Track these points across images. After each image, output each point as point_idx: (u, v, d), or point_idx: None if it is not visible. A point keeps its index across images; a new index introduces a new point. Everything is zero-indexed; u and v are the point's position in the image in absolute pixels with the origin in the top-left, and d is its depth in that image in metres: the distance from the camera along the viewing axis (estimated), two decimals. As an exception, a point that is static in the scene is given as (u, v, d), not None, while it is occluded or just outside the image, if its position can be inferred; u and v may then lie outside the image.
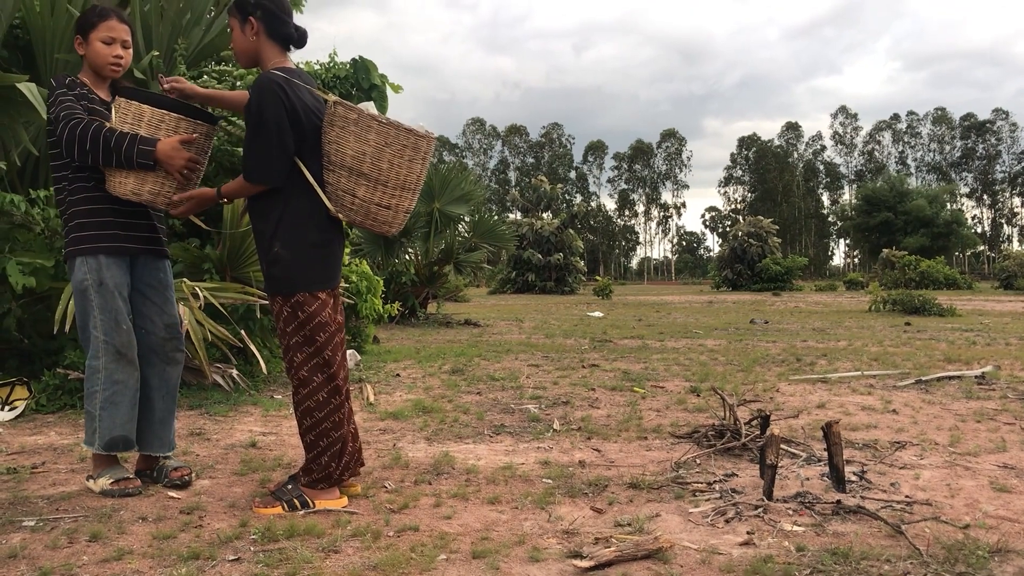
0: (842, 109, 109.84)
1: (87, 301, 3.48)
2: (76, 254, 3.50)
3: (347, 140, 3.18)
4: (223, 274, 6.44)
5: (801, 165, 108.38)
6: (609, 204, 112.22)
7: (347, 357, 3.72)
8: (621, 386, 6.72)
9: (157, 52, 5.96)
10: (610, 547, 2.76)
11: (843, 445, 3.65)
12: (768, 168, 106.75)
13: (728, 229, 56.97)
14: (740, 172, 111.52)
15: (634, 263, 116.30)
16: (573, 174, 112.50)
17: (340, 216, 3.28)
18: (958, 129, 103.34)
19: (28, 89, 4.79)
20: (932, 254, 49.48)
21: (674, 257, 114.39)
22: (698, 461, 4.10)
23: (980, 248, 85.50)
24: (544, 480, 3.77)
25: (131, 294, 3.60)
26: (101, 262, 3.48)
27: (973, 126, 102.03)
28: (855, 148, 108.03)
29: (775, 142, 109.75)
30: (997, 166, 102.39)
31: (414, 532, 3.01)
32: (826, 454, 3.65)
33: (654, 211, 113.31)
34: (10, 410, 5.16)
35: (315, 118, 3.26)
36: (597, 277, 41.88)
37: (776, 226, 50.98)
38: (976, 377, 7.01)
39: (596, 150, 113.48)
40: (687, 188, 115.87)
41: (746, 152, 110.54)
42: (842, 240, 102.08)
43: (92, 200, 3.51)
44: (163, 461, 3.75)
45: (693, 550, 2.81)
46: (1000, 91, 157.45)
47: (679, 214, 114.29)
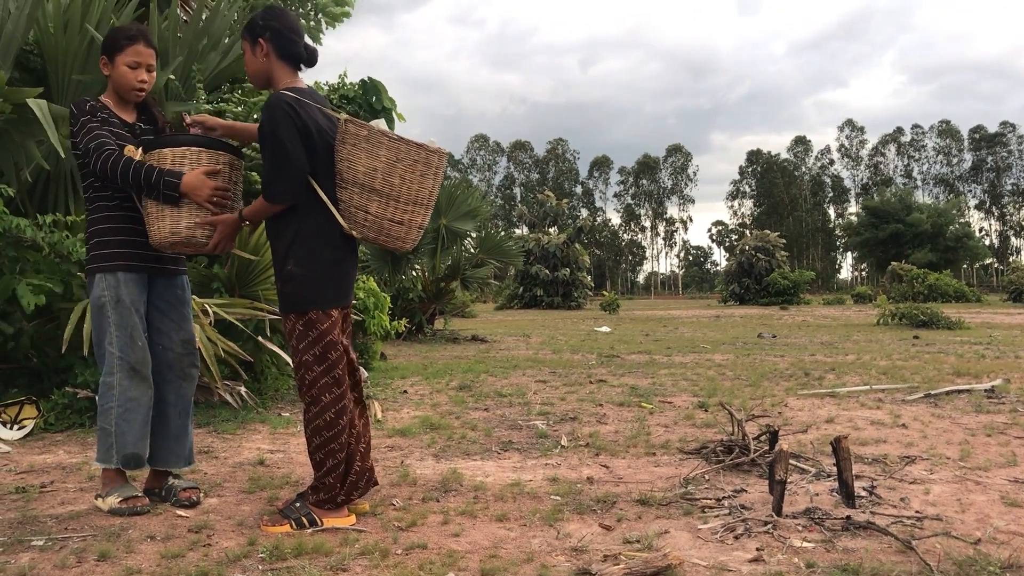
0: (848, 122, 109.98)
1: (104, 317, 3.50)
2: (96, 271, 3.54)
3: (359, 157, 3.21)
4: (231, 292, 6.46)
5: (808, 179, 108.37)
6: (615, 219, 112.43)
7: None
8: (629, 401, 6.70)
9: (173, 76, 5.99)
10: (619, 564, 2.75)
11: (852, 460, 3.63)
12: (775, 182, 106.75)
13: (735, 243, 56.77)
14: (747, 186, 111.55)
15: (641, 278, 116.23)
16: (579, 189, 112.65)
17: (354, 233, 3.29)
18: (966, 141, 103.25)
19: (38, 106, 4.83)
20: (940, 268, 49.36)
21: (681, 271, 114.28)
22: (707, 477, 4.09)
23: (989, 261, 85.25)
24: (552, 497, 3.76)
25: (148, 310, 3.64)
26: (119, 279, 3.51)
27: (984, 138, 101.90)
28: (861, 161, 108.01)
29: (783, 156, 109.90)
30: (1006, 179, 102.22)
31: (422, 550, 3.00)
32: (835, 469, 3.64)
33: (660, 226, 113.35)
34: (19, 429, 5.17)
35: (327, 136, 3.29)
36: (604, 292, 41.87)
37: (783, 240, 50.91)
38: (986, 391, 6.98)
39: (602, 165, 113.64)
40: (693, 203, 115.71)
41: (754, 166, 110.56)
42: (849, 254, 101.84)
43: (112, 219, 3.56)
44: (172, 480, 3.76)
45: (702, 567, 2.80)
46: (1007, 104, 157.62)
47: (685, 228, 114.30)
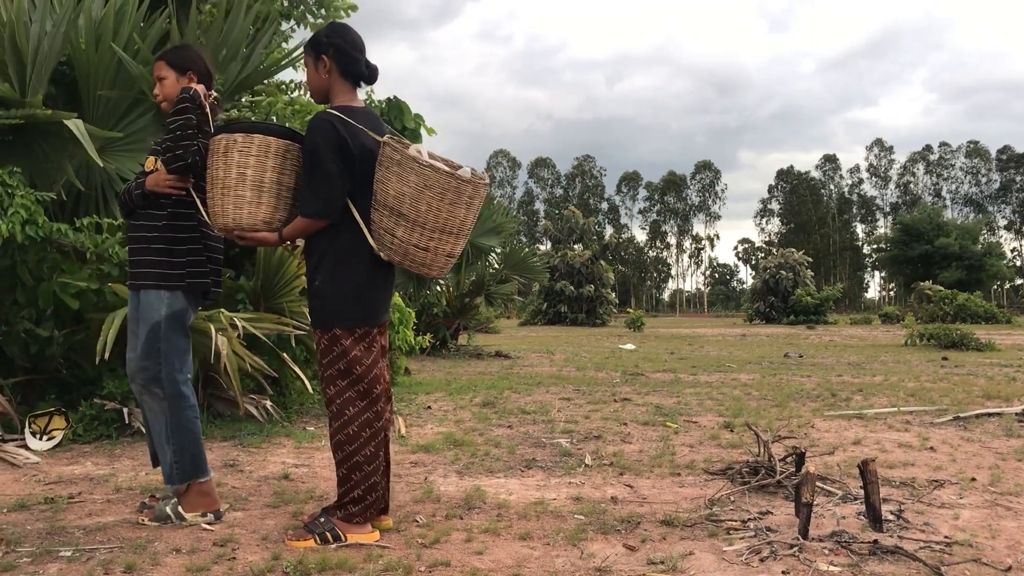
0: (877, 142, 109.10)
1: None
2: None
3: (390, 180, 3.23)
4: (257, 305, 6.51)
5: (836, 197, 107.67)
6: (640, 236, 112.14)
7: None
8: (653, 420, 6.67)
9: None
10: (643, 586, 2.73)
11: (880, 483, 3.59)
12: (803, 200, 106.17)
13: (761, 261, 56.45)
14: (776, 204, 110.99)
15: (666, 295, 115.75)
16: (604, 205, 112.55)
17: (381, 255, 3.31)
18: (994, 161, 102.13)
19: (76, 126, 4.91)
20: (968, 288, 48.74)
21: (706, 289, 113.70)
22: (732, 498, 4.06)
23: (1020, 281, 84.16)
24: (576, 516, 3.74)
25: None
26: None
27: (1012, 158, 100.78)
28: (890, 180, 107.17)
29: (812, 174, 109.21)
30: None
31: (445, 567, 3.00)
32: (863, 492, 3.60)
33: (686, 243, 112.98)
34: (48, 440, 5.23)
35: (369, 157, 3.30)
36: (628, 309, 41.76)
37: (809, 258, 50.57)
38: (1017, 414, 6.88)
39: (630, 181, 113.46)
40: (720, 220, 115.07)
41: (783, 184, 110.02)
42: (877, 273, 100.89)
43: (168, 239, 3.63)
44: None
45: (727, 590, 2.78)
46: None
47: (712, 246, 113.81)
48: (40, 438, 5.22)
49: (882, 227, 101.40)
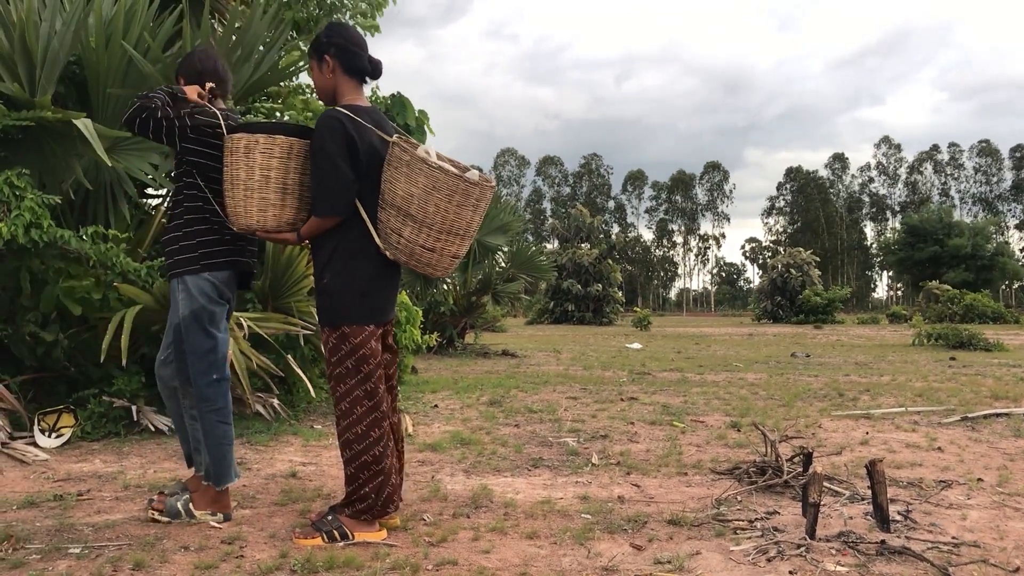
0: (885, 139, 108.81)
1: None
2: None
3: (398, 180, 3.24)
4: (265, 304, 6.52)
5: (844, 196, 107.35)
6: (647, 235, 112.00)
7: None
8: (660, 420, 6.67)
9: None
10: (650, 585, 2.73)
11: (887, 483, 3.59)
12: (811, 199, 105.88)
13: (769, 260, 56.29)
14: (783, 203, 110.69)
15: (672, 294, 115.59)
16: (611, 204, 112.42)
17: (387, 254, 3.33)
18: (1006, 160, 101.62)
19: (84, 125, 4.92)
20: (976, 288, 48.54)
21: (713, 288, 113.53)
22: (739, 498, 4.06)
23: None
24: (583, 515, 3.75)
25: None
26: None
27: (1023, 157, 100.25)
28: (899, 179, 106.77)
29: (820, 173, 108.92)
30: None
31: (452, 566, 3.01)
32: (870, 492, 3.59)
33: (693, 242, 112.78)
34: (56, 437, 5.25)
35: (377, 156, 3.32)
36: (635, 308, 41.66)
37: (816, 257, 50.45)
38: (1025, 415, 6.86)
39: (636, 180, 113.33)
40: (728, 220, 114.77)
41: (791, 183, 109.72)
42: (885, 272, 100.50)
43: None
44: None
45: (734, 590, 2.78)
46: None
47: (719, 245, 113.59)
48: (49, 435, 5.24)
49: (891, 226, 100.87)
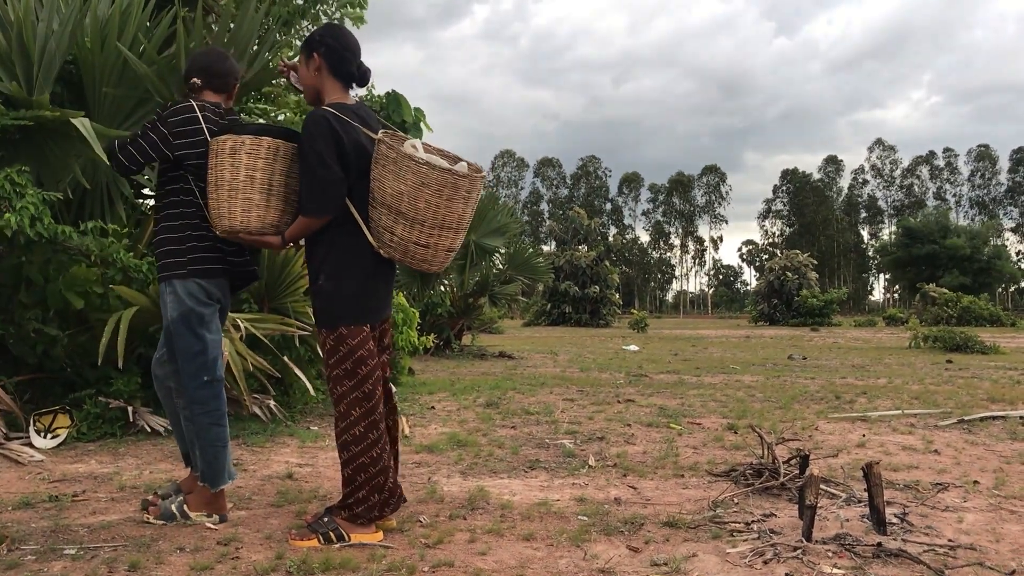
0: (879, 142, 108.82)
1: None
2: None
3: (387, 178, 3.23)
4: (261, 305, 6.52)
5: (840, 199, 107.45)
6: (644, 237, 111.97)
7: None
8: (657, 422, 6.67)
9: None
10: (646, 587, 2.73)
11: (884, 486, 3.59)
12: (807, 201, 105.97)
13: (766, 263, 56.32)
14: (780, 205, 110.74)
15: (669, 296, 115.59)
16: (608, 206, 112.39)
17: (381, 252, 3.32)
18: (1005, 163, 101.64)
19: (82, 124, 4.91)
20: (973, 291, 48.61)
21: (710, 291, 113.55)
22: (736, 500, 4.06)
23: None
24: (579, 517, 3.74)
25: None
26: None
27: (1021, 160, 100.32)
28: (894, 182, 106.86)
29: (815, 176, 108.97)
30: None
31: (449, 568, 3.00)
32: (866, 495, 3.60)
33: (690, 244, 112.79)
34: (52, 438, 5.24)
35: (365, 155, 3.31)
36: (632, 310, 41.69)
37: (814, 260, 50.51)
38: (1021, 417, 6.87)
39: (632, 182, 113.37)
40: (726, 222, 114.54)
41: (788, 185, 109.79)
42: (882, 275, 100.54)
43: None
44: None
45: (731, 592, 2.77)
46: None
47: (716, 247, 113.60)
48: (45, 436, 5.23)
49: (887, 229, 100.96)
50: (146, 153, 3.50)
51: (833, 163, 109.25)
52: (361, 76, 3.48)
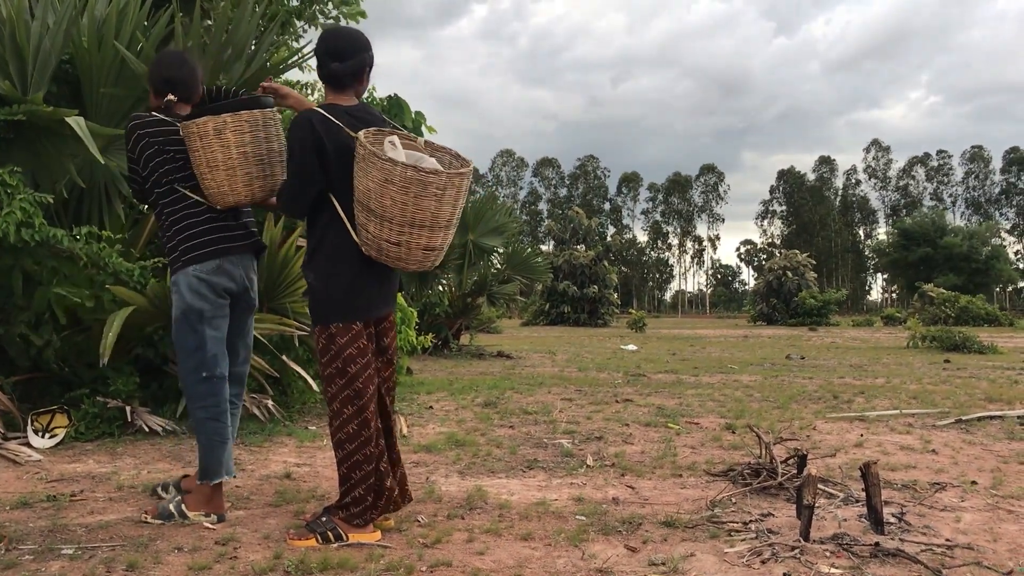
0: (875, 143, 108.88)
1: None
2: None
3: (359, 176, 3.23)
4: (260, 305, 6.50)
5: (837, 199, 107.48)
6: (642, 236, 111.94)
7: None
8: (655, 422, 6.67)
9: None
10: (644, 587, 2.73)
11: (881, 486, 3.59)
12: (803, 201, 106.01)
13: (764, 263, 56.37)
14: (777, 206, 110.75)
15: (668, 296, 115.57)
16: (607, 206, 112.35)
17: (363, 249, 3.31)
18: (999, 163, 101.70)
19: (77, 123, 4.91)
20: (970, 291, 48.63)
21: (709, 290, 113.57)
22: (734, 500, 4.06)
23: (1022, 284, 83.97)
24: (577, 517, 3.75)
25: None
26: None
27: (1015, 160, 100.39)
28: (890, 182, 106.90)
29: (809, 176, 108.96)
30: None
31: (447, 567, 3.00)
32: (864, 495, 3.60)
33: (688, 244, 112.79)
34: (50, 438, 5.23)
35: (348, 155, 3.29)
36: (630, 310, 41.71)
37: (812, 260, 50.55)
38: (1019, 417, 6.87)
39: (630, 182, 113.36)
40: (723, 221, 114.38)
41: (785, 185, 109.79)
42: (880, 275, 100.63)
43: None
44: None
45: (728, 591, 2.78)
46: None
47: (714, 247, 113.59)
48: (42, 436, 5.22)
49: (883, 229, 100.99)
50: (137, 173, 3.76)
51: (827, 163, 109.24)
52: (338, 80, 3.39)
